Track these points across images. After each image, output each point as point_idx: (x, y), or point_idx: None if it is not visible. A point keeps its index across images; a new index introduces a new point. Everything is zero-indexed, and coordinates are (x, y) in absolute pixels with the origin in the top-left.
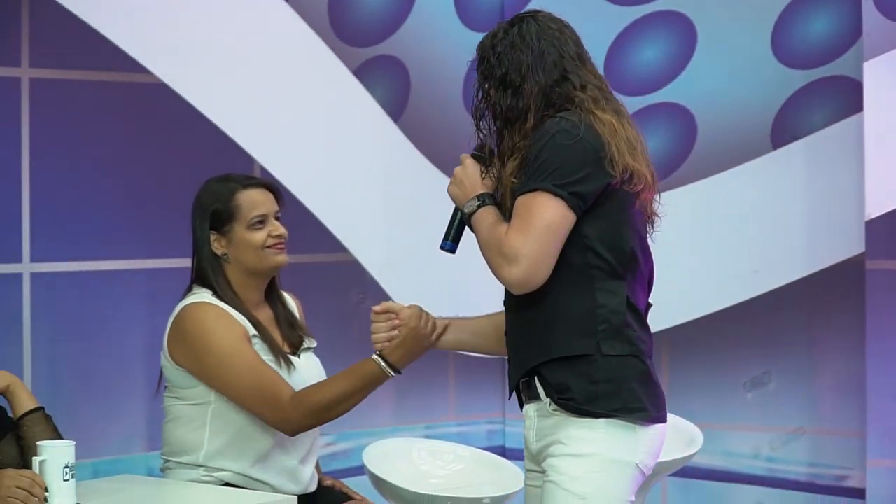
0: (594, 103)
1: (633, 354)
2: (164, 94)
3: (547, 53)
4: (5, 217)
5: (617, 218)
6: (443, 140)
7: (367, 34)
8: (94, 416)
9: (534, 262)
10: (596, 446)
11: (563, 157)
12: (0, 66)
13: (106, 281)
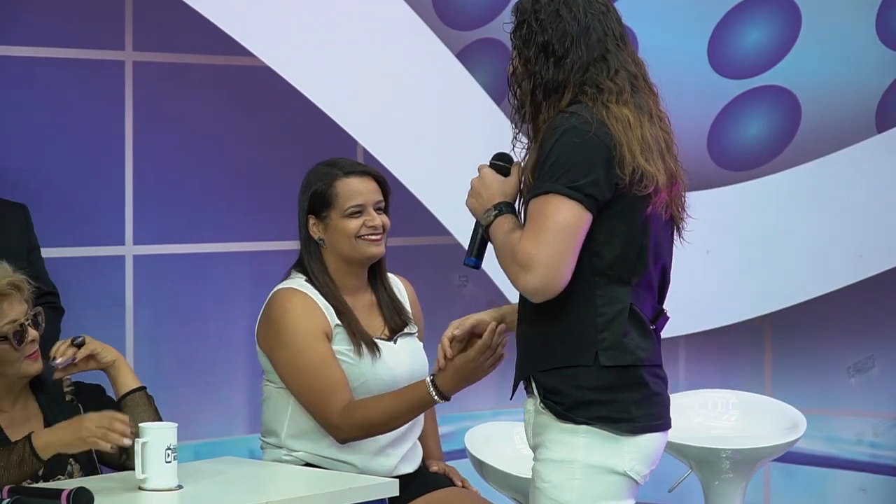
0: (617, 96)
1: (632, 364)
2: (268, 78)
3: (592, 29)
4: (109, 201)
5: (627, 221)
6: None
7: (469, 17)
8: (196, 399)
9: (549, 267)
10: (576, 453)
11: (575, 156)
12: (105, 50)
13: (208, 263)
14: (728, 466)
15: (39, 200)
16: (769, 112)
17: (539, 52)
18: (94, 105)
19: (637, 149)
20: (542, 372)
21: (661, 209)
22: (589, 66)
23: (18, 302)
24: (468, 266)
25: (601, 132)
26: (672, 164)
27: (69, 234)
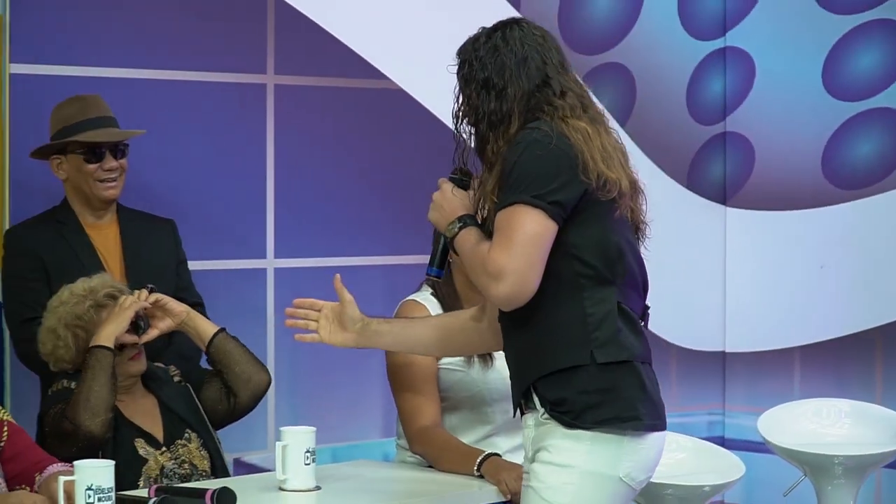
0: (570, 111)
1: (627, 360)
2: (401, 99)
3: (530, 58)
4: (251, 216)
5: (600, 224)
6: (667, 143)
7: (595, 42)
8: (333, 404)
9: (519, 276)
10: (577, 458)
11: (538, 167)
12: (248, 73)
13: (344, 276)
14: (840, 472)
15: (187, 216)
16: (881, 133)
17: (480, 87)
18: (237, 126)
19: (598, 157)
20: (542, 381)
21: (626, 213)
22: (532, 94)
23: None
24: (431, 276)
25: (562, 142)
26: (630, 171)
27: (215, 248)
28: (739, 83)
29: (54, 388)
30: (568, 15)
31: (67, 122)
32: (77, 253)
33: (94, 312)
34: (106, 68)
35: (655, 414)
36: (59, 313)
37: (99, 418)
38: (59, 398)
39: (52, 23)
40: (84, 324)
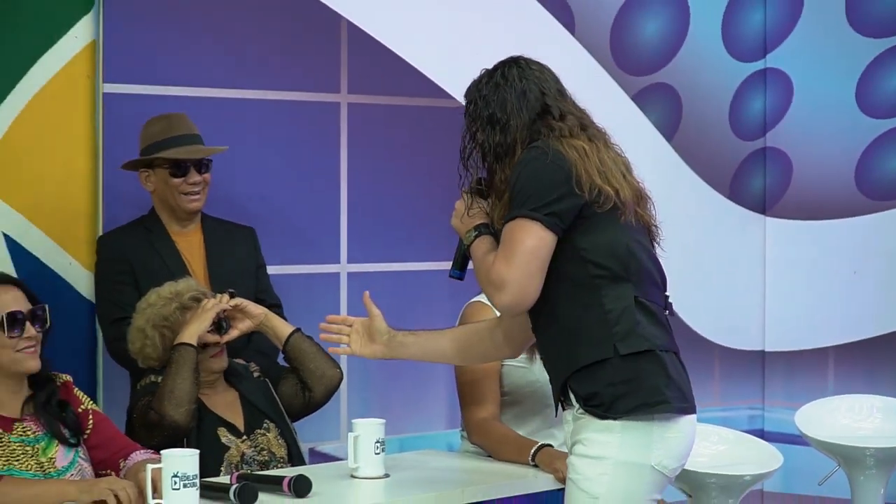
0: (569, 131)
1: (648, 350)
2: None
3: (529, 91)
4: (326, 224)
5: (608, 228)
6: (711, 157)
7: (644, 64)
8: (402, 399)
9: (519, 286)
10: (609, 450)
11: (535, 182)
12: (323, 93)
13: (411, 280)
14: (871, 463)
15: (266, 224)
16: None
17: (486, 123)
18: (313, 141)
19: (594, 171)
20: (574, 378)
21: (631, 219)
22: (533, 122)
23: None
24: (453, 277)
25: (557, 158)
26: (634, 183)
27: (292, 254)
28: (778, 102)
29: (142, 383)
30: (619, 39)
31: (155, 138)
32: (164, 258)
33: (179, 314)
34: (191, 88)
35: (682, 398)
36: (147, 314)
37: (182, 409)
38: (146, 392)
39: (141, 46)
40: (170, 324)
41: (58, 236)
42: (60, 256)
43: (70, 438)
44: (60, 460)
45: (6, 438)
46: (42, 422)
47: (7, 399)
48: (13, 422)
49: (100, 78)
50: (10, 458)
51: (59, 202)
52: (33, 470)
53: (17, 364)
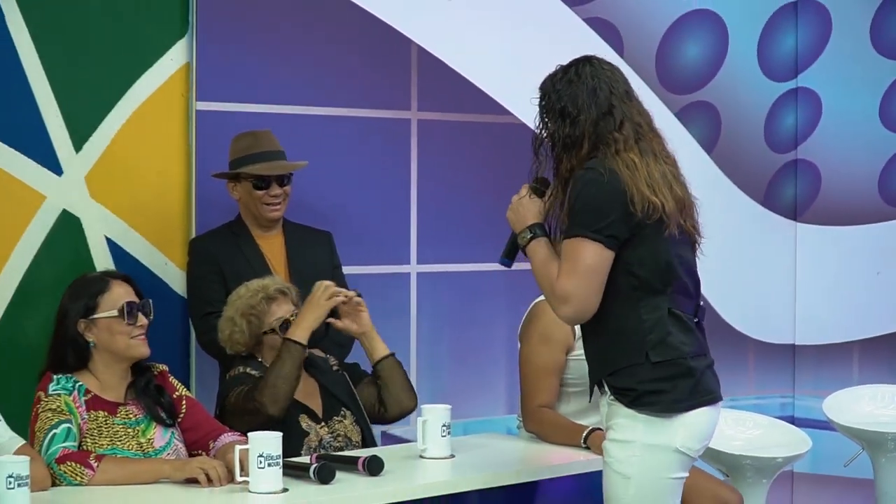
0: (624, 143)
1: (677, 358)
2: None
3: (599, 89)
4: (398, 228)
5: (651, 244)
6: (747, 169)
7: (686, 84)
8: (466, 387)
9: (582, 301)
10: (636, 434)
11: (594, 205)
12: (394, 110)
13: (475, 279)
14: (893, 447)
15: (342, 228)
16: None
17: (557, 116)
18: (385, 154)
19: (643, 185)
20: (610, 375)
21: (674, 230)
22: (598, 121)
23: (287, 303)
24: (502, 265)
25: (613, 179)
26: (680, 191)
27: (366, 255)
28: (809, 118)
29: (232, 373)
30: (664, 61)
31: (242, 153)
32: (249, 259)
33: (265, 303)
34: (275, 105)
35: (703, 392)
36: (236, 305)
37: (279, 405)
38: (239, 381)
39: (230, 68)
40: (256, 312)
41: (155, 239)
42: (157, 257)
43: (166, 420)
44: (158, 441)
45: (111, 421)
46: (142, 405)
47: (114, 384)
48: (118, 406)
49: (193, 96)
50: (114, 439)
51: (156, 208)
52: (134, 449)
53: (131, 349)
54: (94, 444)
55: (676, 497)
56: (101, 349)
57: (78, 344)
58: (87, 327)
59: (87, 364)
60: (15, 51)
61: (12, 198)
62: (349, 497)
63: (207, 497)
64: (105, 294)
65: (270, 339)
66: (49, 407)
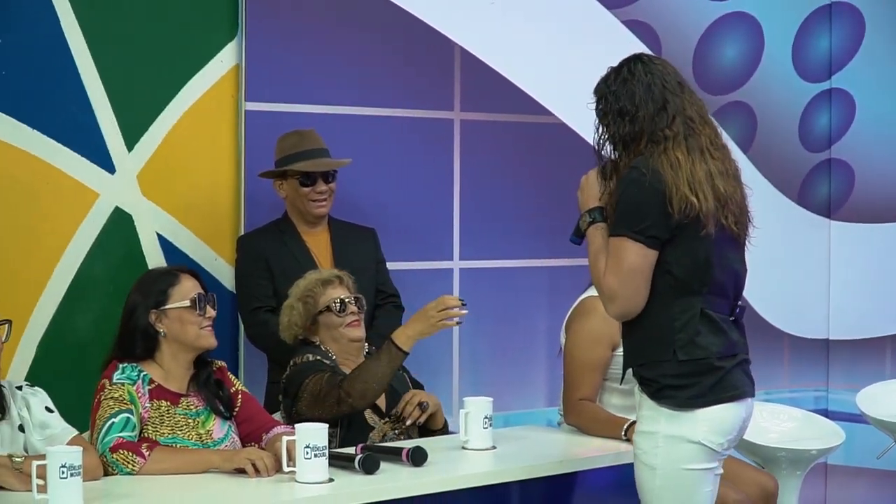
0: (673, 140)
1: (704, 358)
2: (562, 131)
3: (653, 84)
4: (441, 225)
5: (687, 244)
6: (782, 167)
7: (724, 84)
8: (507, 380)
9: (627, 300)
10: (659, 426)
11: (635, 205)
12: (438, 110)
13: (517, 275)
14: None
15: (386, 225)
16: None
17: (617, 116)
18: (429, 153)
19: (684, 184)
20: (638, 366)
21: (711, 229)
22: (655, 116)
23: (342, 287)
24: (572, 242)
25: (654, 179)
26: (725, 186)
27: (410, 252)
28: (842, 118)
29: (299, 360)
30: (701, 62)
31: (287, 151)
32: (296, 256)
33: (320, 286)
34: (322, 105)
35: (727, 388)
36: (294, 293)
37: (367, 401)
38: (314, 367)
39: (278, 69)
40: (313, 294)
41: (205, 235)
42: (207, 253)
43: (224, 412)
44: (216, 432)
45: (173, 410)
46: (202, 397)
47: (179, 375)
48: (180, 396)
49: (242, 97)
50: (175, 429)
51: (206, 205)
52: (194, 440)
53: (200, 340)
54: (156, 433)
55: (705, 487)
56: (171, 339)
57: (148, 334)
58: (158, 318)
59: (154, 354)
60: (70, 53)
61: (66, 195)
62: (393, 487)
63: (255, 486)
64: (176, 286)
65: (326, 319)
66: (112, 395)
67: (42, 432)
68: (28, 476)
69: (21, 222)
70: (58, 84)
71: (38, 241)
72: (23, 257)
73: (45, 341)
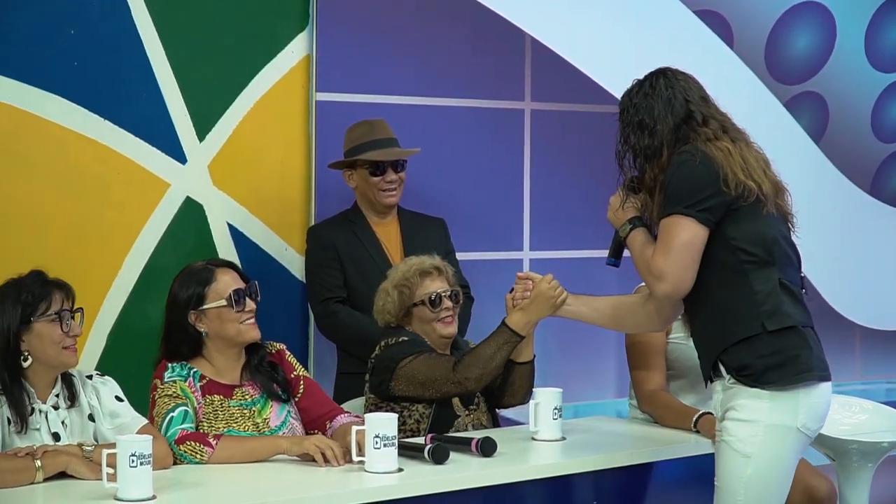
0: (714, 134)
1: (792, 326)
2: None
3: (674, 98)
4: (511, 216)
5: (753, 220)
6: (854, 158)
7: (795, 74)
8: (576, 371)
9: (677, 276)
10: (760, 414)
11: (687, 182)
12: (508, 100)
13: (587, 265)
14: None
15: (455, 216)
16: None
17: (636, 128)
18: (499, 143)
19: (738, 169)
20: (726, 352)
21: (772, 209)
22: (678, 126)
23: (440, 279)
24: (609, 265)
25: (705, 159)
26: (774, 177)
27: (479, 242)
28: None
29: (392, 341)
30: (773, 53)
31: (357, 141)
32: (365, 246)
33: (418, 277)
34: (392, 96)
35: (822, 366)
36: (392, 277)
37: (482, 384)
38: (409, 348)
39: (348, 60)
40: (409, 285)
41: (275, 225)
42: (277, 243)
43: (281, 395)
44: (274, 420)
45: (227, 404)
46: (257, 383)
47: (228, 368)
48: (233, 388)
49: (313, 87)
50: (230, 421)
51: (276, 196)
52: (250, 430)
53: (242, 334)
54: (211, 428)
55: (790, 480)
56: (214, 337)
57: (190, 335)
58: (198, 318)
59: (201, 351)
60: (142, 44)
61: (138, 185)
62: (463, 477)
63: (325, 475)
64: (212, 284)
65: (419, 312)
66: (166, 393)
67: (112, 421)
68: (98, 465)
69: (93, 212)
70: (129, 75)
71: (109, 232)
72: (94, 247)
73: (115, 331)
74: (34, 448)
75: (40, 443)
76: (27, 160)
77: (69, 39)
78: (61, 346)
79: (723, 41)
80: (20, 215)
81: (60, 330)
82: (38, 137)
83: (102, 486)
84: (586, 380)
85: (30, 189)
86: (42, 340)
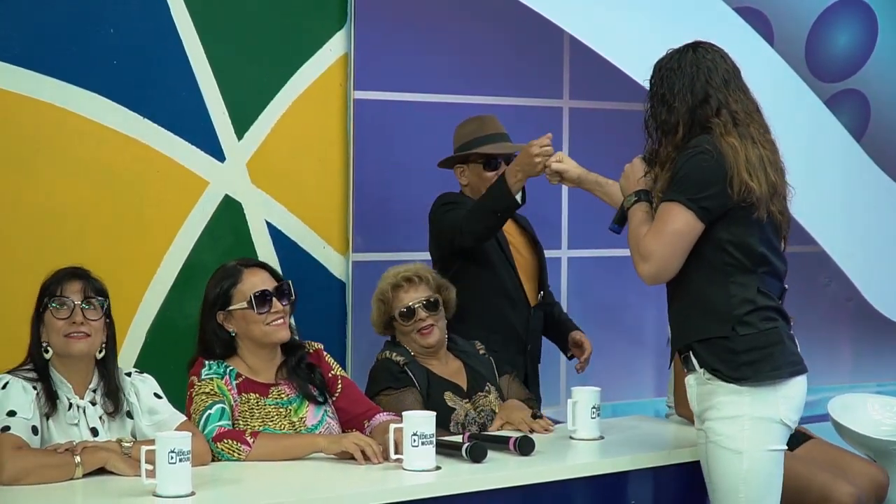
0: (724, 127)
1: (767, 329)
2: None
3: (696, 79)
4: (549, 214)
5: (741, 224)
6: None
7: (836, 72)
8: (615, 369)
9: (662, 262)
10: (743, 408)
11: (698, 175)
12: (546, 98)
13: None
14: None
15: None
16: None
17: (658, 101)
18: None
19: (743, 168)
20: (699, 346)
21: (762, 214)
22: (695, 108)
23: (413, 290)
24: (611, 230)
25: (720, 158)
26: (774, 176)
27: None
28: None
29: (381, 357)
30: (813, 50)
31: (469, 137)
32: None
33: (391, 291)
34: (430, 94)
35: (796, 360)
36: (378, 288)
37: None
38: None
39: (387, 58)
40: (385, 298)
41: (313, 223)
42: (315, 241)
43: (318, 397)
44: (310, 419)
45: (262, 402)
46: (294, 384)
47: (263, 367)
48: (269, 387)
49: (351, 86)
50: (266, 420)
51: (314, 194)
52: (286, 429)
53: (268, 336)
54: (247, 426)
55: (782, 470)
56: (243, 337)
57: (221, 336)
58: (226, 319)
59: (236, 351)
60: (180, 43)
61: (177, 183)
62: (501, 476)
63: (363, 473)
64: (237, 286)
65: (397, 325)
66: (203, 390)
67: (150, 418)
68: (137, 461)
69: (131, 210)
70: (168, 73)
71: (147, 229)
72: (133, 245)
73: (154, 328)
74: (73, 444)
75: (79, 438)
76: (67, 158)
77: (108, 38)
78: (63, 334)
79: (763, 39)
80: (60, 213)
81: (64, 317)
82: (77, 136)
83: (141, 482)
84: (625, 379)
85: (69, 187)
86: (49, 330)
